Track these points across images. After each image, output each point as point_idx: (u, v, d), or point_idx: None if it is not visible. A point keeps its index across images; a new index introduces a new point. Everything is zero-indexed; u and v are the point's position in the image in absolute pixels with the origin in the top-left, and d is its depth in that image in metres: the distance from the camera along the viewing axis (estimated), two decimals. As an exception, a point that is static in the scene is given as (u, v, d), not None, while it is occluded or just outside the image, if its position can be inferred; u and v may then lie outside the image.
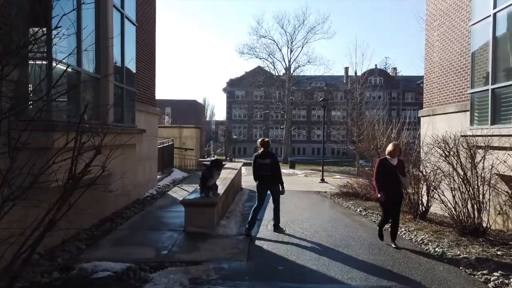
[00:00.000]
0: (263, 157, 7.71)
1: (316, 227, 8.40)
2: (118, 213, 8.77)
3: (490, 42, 8.19)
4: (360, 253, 6.34)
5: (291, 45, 49.76)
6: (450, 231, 7.64)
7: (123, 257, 5.78)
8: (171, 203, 10.47)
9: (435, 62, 11.61)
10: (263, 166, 7.66)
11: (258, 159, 7.76)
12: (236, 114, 68.09)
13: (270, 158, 7.69)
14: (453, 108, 10.22)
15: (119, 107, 8.08)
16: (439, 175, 7.88)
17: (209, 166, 7.88)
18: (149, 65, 11.63)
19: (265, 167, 7.64)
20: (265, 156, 7.69)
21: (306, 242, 6.98)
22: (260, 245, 6.74)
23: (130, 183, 9.98)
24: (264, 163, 7.66)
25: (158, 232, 7.47)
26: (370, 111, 34.85)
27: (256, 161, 7.80)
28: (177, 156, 19.12)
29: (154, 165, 12.54)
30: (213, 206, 7.53)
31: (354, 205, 11.78)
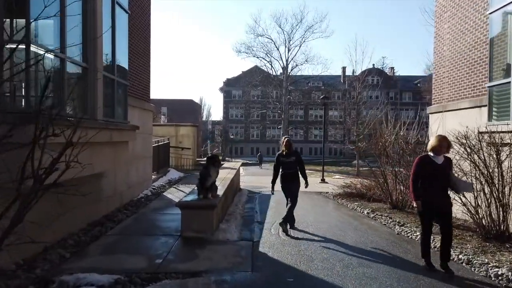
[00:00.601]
0: (288, 155, 7.96)
1: (323, 231, 7.77)
2: (109, 216, 8.10)
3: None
4: (377, 260, 5.70)
5: (288, 44, 49.24)
6: (471, 235, 7.04)
7: (111, 267, 5.12)
8: (166, 205, 9.79)
9: (445, 56, 11.01)
10: (287, 164, 7.94)
11: (282, 157, 8.00)
12: (233, 113, 67.46)
13: (294, 156, 7.99)
14: (466, 103, 9.62)
15: (110, 101, 7.41)
16: (457, 173, 7.22)
17: (205, 164, 7.22)
18: (143, 57, 10.96)
19: (290, 165, 7.92)
20: (289, 155, 7.95)
21: (315, 248, 6.35)
22: (265, 252, 6.09)
23: (122, 184, 9.31)
24: (289, 161, 7.93)
25: (152, 237, 6.80)
26: (368, 111, 34.34)
27: (279, 159, 8.03)
28: (173, 156, 18.42)
29: (149, 165, 11.86)
30: (212, 209, 6.88)
31: (359, 206, 11.17)
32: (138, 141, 10.52)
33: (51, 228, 5.74)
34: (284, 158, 7.96)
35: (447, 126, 10.25)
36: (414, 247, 6.57)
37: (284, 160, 7.95)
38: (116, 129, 7.23)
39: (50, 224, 5.61)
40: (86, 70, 6.31)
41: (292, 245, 6.56)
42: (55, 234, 5.96)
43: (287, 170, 7.91)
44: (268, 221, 8.61)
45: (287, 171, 7.91)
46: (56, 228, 5.99)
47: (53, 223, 5.88)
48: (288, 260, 5.70)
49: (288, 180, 7.93)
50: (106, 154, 7.11)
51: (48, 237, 5.70)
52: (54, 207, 5.81)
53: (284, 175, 7.95)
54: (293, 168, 7.90)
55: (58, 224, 6.10)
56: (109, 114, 7.28)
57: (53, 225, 5.86)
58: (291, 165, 7.89)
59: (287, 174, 7.91)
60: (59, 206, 6.04)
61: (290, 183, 7.93)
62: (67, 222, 6.47)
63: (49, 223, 5.17)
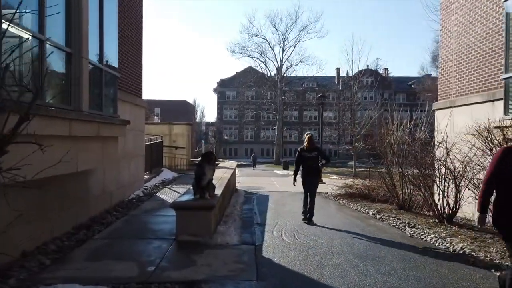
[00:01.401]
0: (310, 150, 8.32)
1: (329, 233, 7.19)
2: (97, 219, 7.45)
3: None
4: (396, 266, 5.12)
5: (283, 44, 48.83)
6: (491, 237, 6.49)
7: (96, 275, 4.49)
8: (160, 206, 9.15)
9: (453, 49, 10.52)
10: (310, 159, 8.31)
11: (304, 152, 8.35)
12: (227, 114, 66.80)
13: (316, 151, 8.45)
14: (477, 98, 9.12)
15: (97, 92, 6.77)
16: (475, 169, 6.68)
17: (199, 162, 6.61)
18: (135, 49, 10.32)
19: (312, 160, 8.32)
20: (312, 150, 8.33)
21: (324, 253, 5.75)
22: (269, 258, 5.48)
23: (112, 183, 8.66)
24: (311, 156, 8.29)
25: (143, 241, 6.17)
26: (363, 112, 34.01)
27: (302, 154, 8.40)
28: (166, 155, 17.72)
29: (141, 164, 11.21)
30: (211, 209, 6.26)
31: (363, 207, 10.62)
32: (129, 138, 9.87)
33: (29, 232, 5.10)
34: (306, 153, 8.33)
35: (455, 122, 9.75)
36: (431, 250, 6.01)
37: (306, 155, 8.31)
38: (104, 123, 6.59)
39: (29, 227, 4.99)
40: (70, 56, 5.67)
41: (298, 249, 5.96)
42: (34, 238, 5.31)
43: (309, 164, 8.30)
44: (269, 223, 8.01)
45: (310, 165, 8.29)
46: (36, 231, 5.34)
47: (33, 225, 5.24)
48: (296, 266, 5.10)
49: (310, 174, 8.32)
50: (93, 150, 6.47)
51: (26, 242, 5.06)
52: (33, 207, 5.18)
53: (306, 169, 8.32)
54: (315, 163, 8.34)
55: (39, 227, 5.46)
56: (96, 106, 6.64)
57: (33, 228, 5.22)
58: (313, 160, 8.30)
59: (309, 169, 8.30)
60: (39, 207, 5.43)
61: (312, 177, 8.36)
62: (50, 224, 5.82)
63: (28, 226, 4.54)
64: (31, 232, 5.20)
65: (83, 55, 5.84)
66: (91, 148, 6.39)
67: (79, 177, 6.93)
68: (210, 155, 6.79)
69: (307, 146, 8.32)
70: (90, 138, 6.25)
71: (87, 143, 6.16)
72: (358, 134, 29.30)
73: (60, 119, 4.99)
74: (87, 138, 6.10)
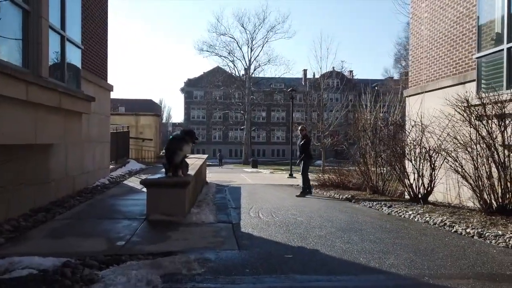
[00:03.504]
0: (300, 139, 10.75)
1: (307, 213, 6.95)
2: (58, 202, 6.83)
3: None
4: (380, 236, 4.95)
5: (251, 43, 48.65)
6: (469, 211, 6.49)
7: (58, 250, 4.00)
8: (127, 192, 8.60)
9: (423, 36, 10.66)
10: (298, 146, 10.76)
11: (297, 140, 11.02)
12: (194, 115, 65.82)
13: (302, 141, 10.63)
14: (449, 81, 9.23)
15: (59, 61, 6.20)
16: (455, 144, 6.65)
17: (179, 136, 6.17)
18: (99, 26, 9.70)
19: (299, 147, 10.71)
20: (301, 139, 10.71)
21: (306, 227, 5.50)
22: (249, 232, 5.17)
23: (75, 167, 8.04)
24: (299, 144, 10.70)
25: (111, 221, 5.67)
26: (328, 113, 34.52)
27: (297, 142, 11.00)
28: (133, 148, 16.91)
29: (107, 151, 10.56)
30: (185, 186, 5.86)
31: (337, 193, 10.53)
32: (94, 121, 9.26)
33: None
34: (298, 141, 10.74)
35: (427, 106, 9.83)
36: (412, 224, 5.91)
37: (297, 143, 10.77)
38: (67, 94, 6.04)
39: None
40: (27, 14, 5.12)
41: (278, 225, 5.68)
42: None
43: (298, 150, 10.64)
44: (244, 207, 7.69)
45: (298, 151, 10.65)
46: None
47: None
48: (279, 238, 4.81)
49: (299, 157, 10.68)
50: (54, 123, 5.90)
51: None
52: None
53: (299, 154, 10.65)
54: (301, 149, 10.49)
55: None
56: (58, 76, 6.07)
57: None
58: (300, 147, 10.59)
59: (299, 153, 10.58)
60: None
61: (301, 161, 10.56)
62: (5, 206, 5.23)
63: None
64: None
65: (43, 15, 5.29)
66: (52, 120, 5.83)
67: (39, 156, 6.33)
68: (193, 132, 6.35)
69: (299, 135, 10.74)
70: (51, 109, 5.69)
71: (48, 114, 5.60)
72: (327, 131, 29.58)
73: (14, 79, 4.45)
74: (47, 109, 5.54)
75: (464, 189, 8.49)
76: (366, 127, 10.04)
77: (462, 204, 8.20)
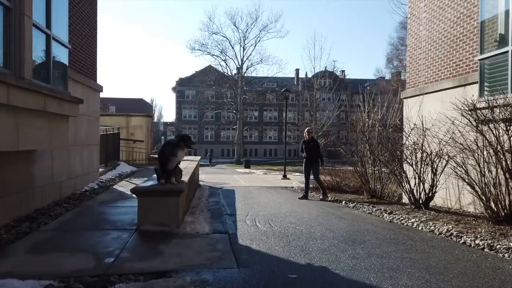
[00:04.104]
0: (308, 142, 10.28)
1: (306, 220, 6.67)
2: (44, 211, 6.46)
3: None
4: (387, 250, 4.67)
5: (243, 43, 48.25)
6: (474, 219, 6.26)
7: (40, 270, 3.65)
8: (117, 198, 8.23)
9: (421, 36, 10.44)
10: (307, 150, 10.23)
11: (305, 144, 10.34)
12: (186, 114, 65.24)
13: (313, 142, 10.35)
14: (449, 83, 9.02)
15: (43, 61, 5.82)
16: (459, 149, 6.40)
17: (174, 141, 5.83)
18: (88, 25, 9.30)
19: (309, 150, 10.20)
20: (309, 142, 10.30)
21: (307, 238, 5.22)
22: (247, 245, 4.85)
23: (62, 172, 7.65)
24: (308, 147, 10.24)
25: (99, 233, 5.32)
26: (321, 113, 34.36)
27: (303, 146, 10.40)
28: (124, 149, 16.46)
29: (96, 154, 10.16)
30: (179, 195, 5.53)
31: (333, 198, 10.26)
32: (82, 124, 8.87)
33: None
34: (306, 144, 10.27)
35: (426, 108, 9.62)
36: (416, 234, 5.66)
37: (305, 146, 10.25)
38: (52, 96, 5.66)
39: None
40: (8, 11, 4.74)
41: (277, 236, 5.38)
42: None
43: (307, 153, 10.18)
44: (240, 213, 7.38)
45: (308, 154, 10.18)
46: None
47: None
48: (280, 252, 4.51)
49: (308, 161, 10.23)
50: (38, 128, 5.53)
51: None
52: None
53: (306, 157, 10.25)
54: (312, 151, 10.13)
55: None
56: (42, 77, 5.70)
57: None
58: (310, 150, 10.15)
59: (307, 157, 10.20)
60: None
61: (310, 164, 10.22)
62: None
63: None
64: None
65: (26, 12, 4.92)
66: (36, 125, 5.45)
67: (22, 162, 5.95)
68: (188, 137, 6.00)
69: (306, 138, 10.33)
70: (35, 113, 5.32)
71: (31, 119, 5.23)
72: (320, 131, 29.39)
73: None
74: (31, 112, 5.17)
75: (465, 194, 8.29)
76: (364, 129, 9.78)
77: (463, 210, 8.00)
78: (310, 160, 10.20)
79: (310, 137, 10.35)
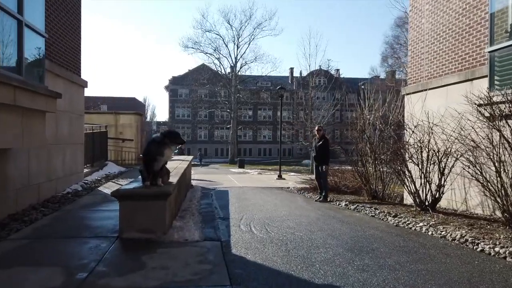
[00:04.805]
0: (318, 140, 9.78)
1: (305, 225, 6.15)
2: (18, 216, 5.86)
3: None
4: (399, 260, 4.16)
5: (237, 41, 47.67)
6: (488, 223, 5.77)
7: (-3, 290, 3.09)
8: (101, 201, 7.65)
9: (424, 30, 9.96)
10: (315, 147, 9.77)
11: (314, 142, 10.04)
12: (179, 113, 64.47)
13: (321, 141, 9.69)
14: (454, 78, 8.55)
15: (13, 49, 5.23)
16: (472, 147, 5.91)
17: (160, 138, 5.27)
18: (71, 14, 8.67)
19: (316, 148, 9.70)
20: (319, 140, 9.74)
21: (308, 247, 4.69)
22: (242, 255, 4.31)
23: (40, 173, 7.06)
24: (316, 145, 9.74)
25: (75, 241, 4.74)
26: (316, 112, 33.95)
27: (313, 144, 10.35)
28: (112, 148, 15.81)
29: (80, 154, 9.55)
30: (165, 198, 4.97)
31: (332, 199, 9.76)
32: (65, 121, 8.26)
33: None
34: (315, 142, 9.89)
35: (428, 105, 9.12)
36: (427, 240, 5.16)
37: (315, 144, 9.87)
38: (24, 89, 5.08)
39: None
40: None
41: (275, 243, 4.85)
42: None
43: (315, 152, 9.72)
44: (233, 217, 6.84)
45: (315, 153, 9.74)
46: None
47: None
48: (279, 263, 3.98)
49: (315, 160, 9.84)
50: (7, 123, 4.94)
51: None
52: None
53: (314, 156, 9.99)
54: (319, 151, 9.57)
55: None
56: (12, 67, 5.11)
57: None
58: (317, 149, 9.61)
59: (314, 156, 9.86)
60: None
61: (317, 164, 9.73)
62: None
63: None
64: None
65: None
66: (6, 122, 4.87)
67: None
68: (175, 133, 5.41)
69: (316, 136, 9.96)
70: (3, 108, 4.74)
71: None
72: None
73: None
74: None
75: (471, 195, 7.83)
76: (365, 127, 9.28)
77: (470, 212, 7.55)
78: (316, 159, 9.79)
79: (320, 135, 9.79)
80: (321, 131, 9.95)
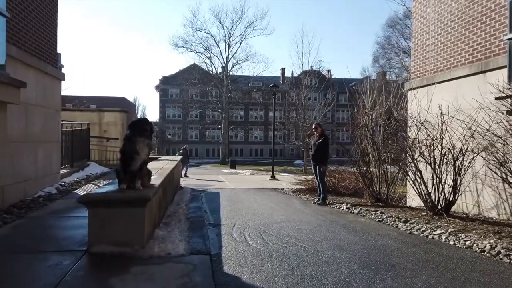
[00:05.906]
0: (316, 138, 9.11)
1: (307, 233, 5.39)
2: (-27, 225, 5.01)
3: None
4: (429, 280, 3.41)
5: (229, 40, 46.86)
6: (516, 230, 5.08)
7: None
8: (76, 206, 6.73)
9: (429, 20, 9.28)
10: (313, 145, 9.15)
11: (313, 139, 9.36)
12: (170, 113, 63.37)
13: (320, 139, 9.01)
14: (464, 71, 7.87)
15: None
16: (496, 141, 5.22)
17: (129, 134, 4.43)
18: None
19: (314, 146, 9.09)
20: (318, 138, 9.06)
21: (314, 261, 3.92)
22: (236, 275, 3.52)
23: (4, 174, 6.19)
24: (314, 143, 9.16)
25: (34, 257, 3.90)
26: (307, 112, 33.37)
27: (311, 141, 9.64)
28: (95, 148, 14.87)
29: (56, 153, 8.66)
30: (143, 205, 4.16)
31: (332, 201, 9.02)
32: (36, 116, 7.39)
33: None
34: (314, 140, 9.25)
35: (434, 100, 8.41)
36: (450, 251, 4.43)
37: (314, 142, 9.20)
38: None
39: None
40: None
41: (275, 258, 4.07)
42: None
43: (313, 151, 9.07)
44: (225, 223, 6.06)
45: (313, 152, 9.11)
46: None
47: None
48: (281, 286, 3.20)
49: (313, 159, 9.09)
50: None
51: None
52: None
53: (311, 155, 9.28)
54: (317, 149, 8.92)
55: None
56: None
57: None
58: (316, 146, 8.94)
59: (312, 155, 9.19)
60: None
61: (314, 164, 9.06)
62: None
63: None
64: None
65: None
66: None
67: None
68: (144, 123, 4.57)
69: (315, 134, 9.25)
70: None
71: None
72: (309, 129, 28.28)
73: None
74: None
75: (484, 197, 7.18)
76: (368, 123, 8.56)
77: (482, 215, 6.89)
78: (314, 158, 9.06)
79: (319, 132, 9.04)
80: (317, 128, 9.15)
